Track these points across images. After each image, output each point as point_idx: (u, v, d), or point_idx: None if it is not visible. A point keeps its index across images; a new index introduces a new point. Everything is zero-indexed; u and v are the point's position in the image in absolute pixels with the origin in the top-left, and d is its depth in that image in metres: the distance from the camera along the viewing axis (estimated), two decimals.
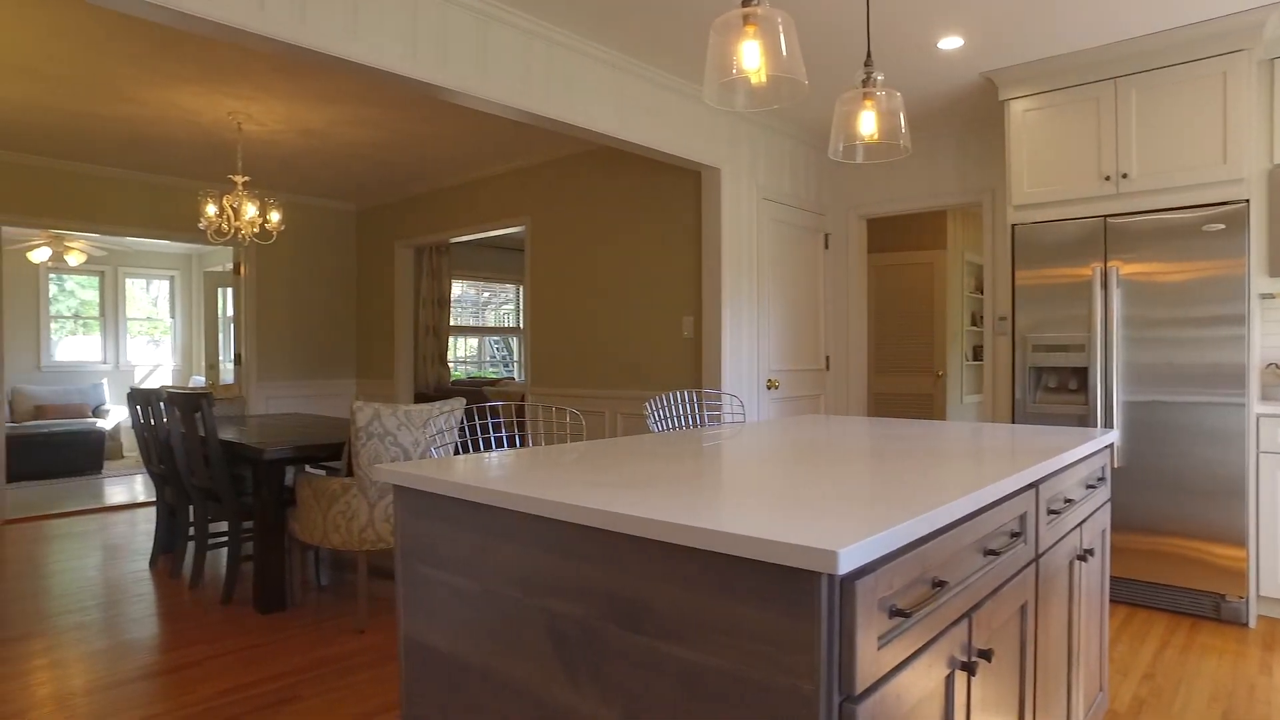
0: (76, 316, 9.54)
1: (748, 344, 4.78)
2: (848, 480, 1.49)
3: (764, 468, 1.66)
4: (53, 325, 9.31)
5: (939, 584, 1.26)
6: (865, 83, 2.37)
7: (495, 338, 10.32)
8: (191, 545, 4.30)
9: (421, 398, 7.87)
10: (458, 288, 9.36)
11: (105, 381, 9.41)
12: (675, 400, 2.97)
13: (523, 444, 6.38)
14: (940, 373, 6.94)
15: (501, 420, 2.78)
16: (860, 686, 1.04)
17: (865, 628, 1.05)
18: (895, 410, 6.99)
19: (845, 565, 0.98)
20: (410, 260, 7.02)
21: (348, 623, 3.50)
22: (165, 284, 10.18)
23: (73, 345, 9.51)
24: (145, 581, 4.16)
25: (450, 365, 8.92)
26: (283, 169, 6.03)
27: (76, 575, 4.28)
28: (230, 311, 8.59)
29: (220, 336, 8.81)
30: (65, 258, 7.79)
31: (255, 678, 2.92)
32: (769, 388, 4.95)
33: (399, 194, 6.89)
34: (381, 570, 4.29)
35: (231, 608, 3.70)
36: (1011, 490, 1.55)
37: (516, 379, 9.36)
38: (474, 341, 10.06)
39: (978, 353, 7.39)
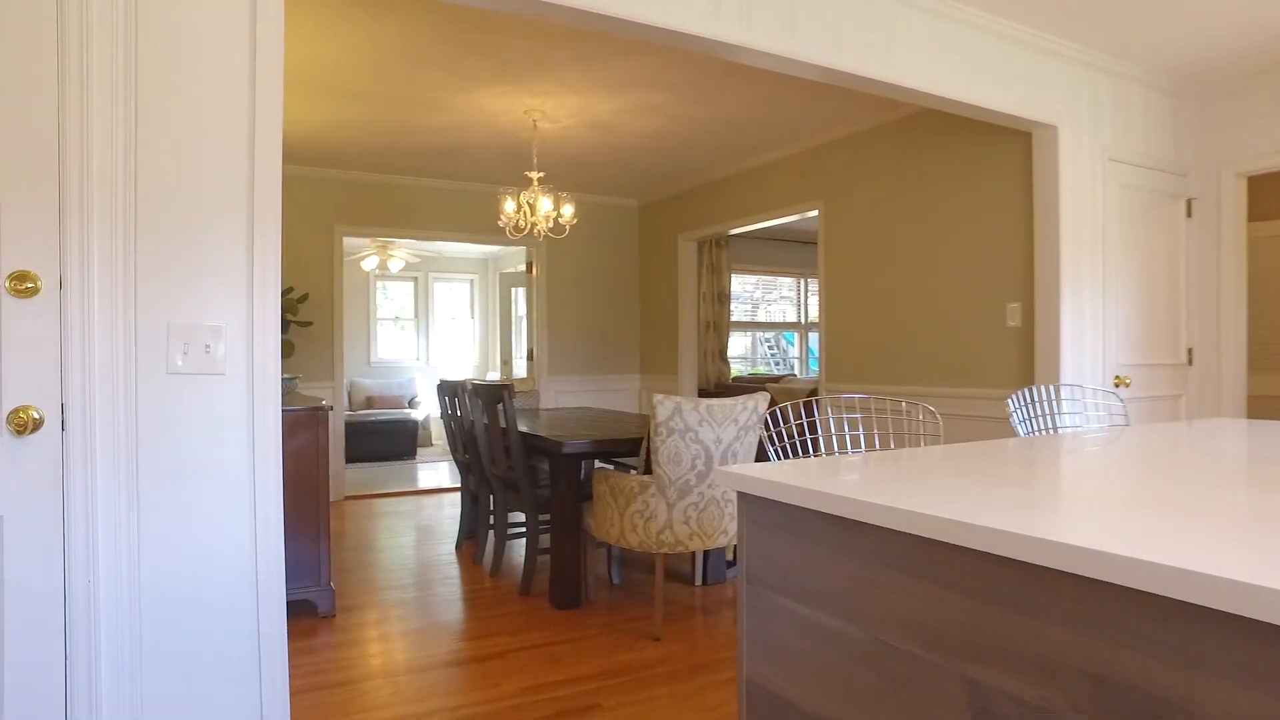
0: (396, 318, 10.69)
1: (1090, 334, 4.00)
2: None
3: (1270, 493, 1.14)
4: (379, 326, 10.50)
5: None
6: None
7: (766, 333, 10.01)
8: (492, 534, 4.44)
9: (704, 395, 7.76)
10: (734, 282, 9.15)
11: (417, 376, 10.43)
12: (1040, 396, 2.42)
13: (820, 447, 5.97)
14: None
15: (818, 419, 2.43)
16: None
17: None
18: (1277, 416, 5.64)
19: None
20: (693, 253, 6.90)
21: (643, 627, 3.33)
22: (466, 286, 11.09)
23: (392, 343, 10.66)
24: (452, 564, 4.34)
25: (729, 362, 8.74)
26: (571, 167, 6.16)
27: (397, 553, 4.58)
28: (522, 310, 9.10)
29: (513, 334, 9.37)
30: (388, 264, 8.69)
31: (556, 678, 2.83)
32: (1117, 385, 4.11)
33: (681, 186, 6.80)
34: (677, 574, 4.12)
35: (529, 600, 3.70)
36: None
37: (797, 375, 8.98)
38: (745, 339, 9.83)
39: None
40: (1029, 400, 2.32)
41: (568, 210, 4.77)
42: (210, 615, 1.98)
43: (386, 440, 8.39)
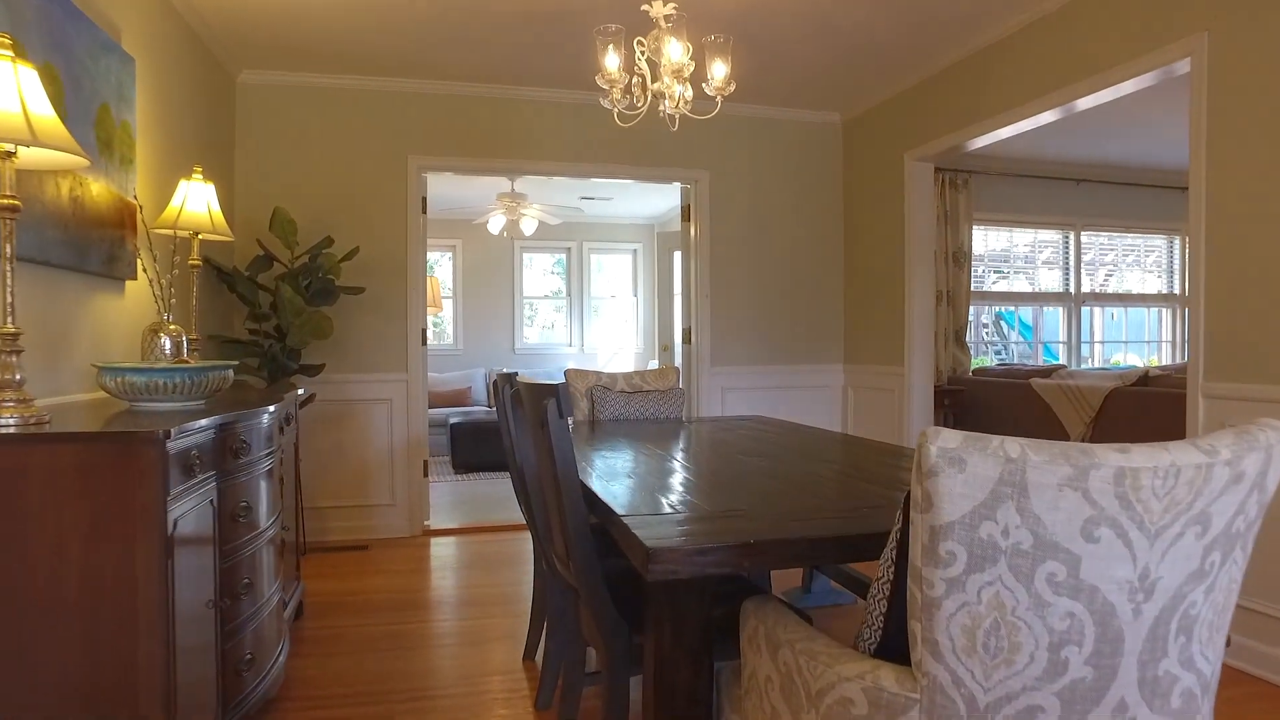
0: (546, 296, 9.07)
1: None
2: None
3: None
4: (525, 306, 8.93)
5: None
6: None
7: (1003, 309, 7.31)
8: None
9: (939, 396, 5.37)
10: (978, 237, 6.60)
11: (569, 365, 8.72)
12: None
13: None
14: None
15: None
16: None
17: None
18: None
19: None
20: (928, 182, 4.55)
21: None
22: (628, 258, 9.26)
23: (541, 327, 9.06)
24: (499, 701, 2.41)
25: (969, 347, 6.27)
26: (736, 53, 4.02)
27: (428, 659, 2.73)
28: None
29: (673, 311, 7.41)
30: (520, 225, 6.98)
31: None
32: None
33: (909, 76, 4.45)
34: None
35: None
36: None
37: (1068, 365, 6.30)
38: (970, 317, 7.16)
39: None
40: None
41: (720, 70, 2.68)
42: None
43: None
